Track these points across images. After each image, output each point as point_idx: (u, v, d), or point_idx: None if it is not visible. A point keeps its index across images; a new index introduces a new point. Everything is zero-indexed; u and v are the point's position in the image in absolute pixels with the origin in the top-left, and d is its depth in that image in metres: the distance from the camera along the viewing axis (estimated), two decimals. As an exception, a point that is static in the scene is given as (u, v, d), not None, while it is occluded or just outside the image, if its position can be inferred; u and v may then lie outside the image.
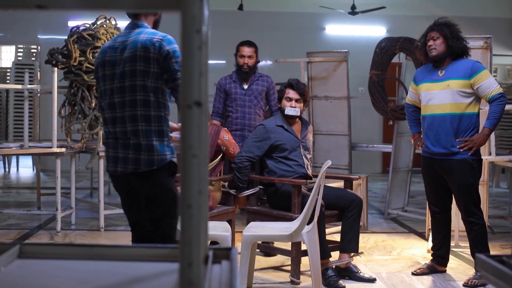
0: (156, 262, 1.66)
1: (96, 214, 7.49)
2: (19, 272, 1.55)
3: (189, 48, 1.21)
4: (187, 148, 1.21)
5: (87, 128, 6.41)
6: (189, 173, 1.21)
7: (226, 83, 6.06)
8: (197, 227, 1.24)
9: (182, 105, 1.22)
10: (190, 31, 1.21)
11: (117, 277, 1.52)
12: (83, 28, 6.49)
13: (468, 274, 4.87)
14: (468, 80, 4.60)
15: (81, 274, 1.55)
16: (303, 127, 5.13)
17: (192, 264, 1.22)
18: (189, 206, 1.22)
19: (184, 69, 1.22)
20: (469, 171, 4.65)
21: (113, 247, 1.73)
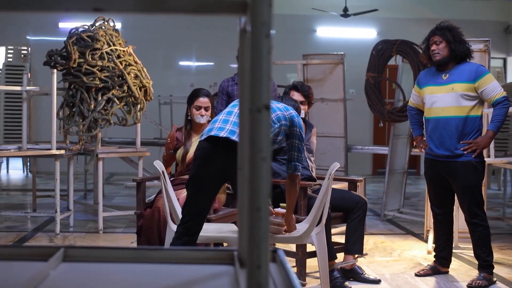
0: (201, 264, 1.67)
1: (93, 216, 7.48)
2: (68, 276, 1.55)
3: (258, 52, 1.23)
4: (256, 151, 1.22)
5: (85, 130, 6.39)
6: (258, 176, 1.22)
7: (228, 85, 6.07)
8: (266, 229, 1.25)
9: (250, 108, 1.23)
10: (260, 36, 1.22)
11: (169, 280, 1.53)
12: (82, 30, 6.48)
13: (470, 275, 4.91)
14: (472, 83, 4.64)
15: (132, 276, 1.55)
16: (307, 129, 5.15)
17: (261, 267, 1.23)
18: (258, 209, 1.23)
19: (253, 73, 1.23)
20: (473, 173, 4.69)
21: (156, 249, 1.74)
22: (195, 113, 4.92)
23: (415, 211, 7.99)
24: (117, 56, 6.44)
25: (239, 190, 1.61)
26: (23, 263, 1.62)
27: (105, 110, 6.38)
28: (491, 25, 13.19)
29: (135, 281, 1.52)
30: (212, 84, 9.91)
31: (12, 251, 1.67)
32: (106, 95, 6.34)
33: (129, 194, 9.65)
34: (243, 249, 1.62)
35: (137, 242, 4.76)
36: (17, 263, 1.63)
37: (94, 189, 8.48)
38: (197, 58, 13.65)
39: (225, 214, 4.85)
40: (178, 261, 1.66)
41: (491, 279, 4.71)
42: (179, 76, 13.27)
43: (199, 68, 13.68)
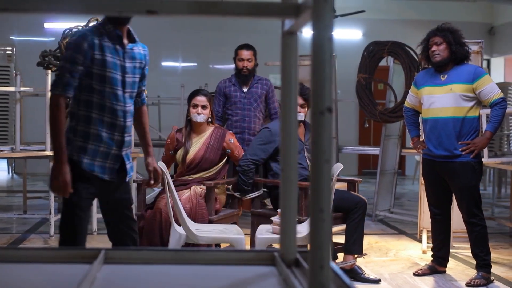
0: (242, 265, 1.68)
1: (84, 218, 7.44)
2: (113, 278, 1.56)
3: (321, 55, 1.24)
4: (320, 153, 1.23)
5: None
6: (322, 178, 1.24)
7: (225, 86, 6.07)
8: (328, 230, 1.26)
9: (314, 111, 1.24)
10: (322, 39, 1.23)
11: (217, 281, 1.54)
12: (76, 31, 6.44)
13: (467, 274, 4.96)
14: (471, 84, 4.69)
15: (179, 278, 1.56)
16: (306, 130, 5.17)
17: (324, 267, 1.25)
18: (321, 210, 1.24)
19: (316, 76, 1.25)
20: (471, 173, 4.74)
21: (196, 251, 1.75)
22: (192, 112, 4.93)
23: (405, 211, 8.06)
24: (111, 57, 6.41)
25: (282, 193, 1.62)
26: (68, 266, 1.63)
27: (99, 111, 6.35)
28: (475, 26, 13.31)
29: (186, 283, 1.52)
30: (202, 85, 9.88)
31: (55, 254, 1.67)
32: (100, 96, 6.30)
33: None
34: (286, 250, 1.64)
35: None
36: (61, 265, 1.63)
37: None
38: (183, 59, 13.63)
39: (226, 215, 4.86)
40: (218, 262, 1.68)
41: (489, 278, 4.76)
42: (166, 77, 13.24)
43: (185, 68, 13.66)
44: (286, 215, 1.63)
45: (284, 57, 1.62)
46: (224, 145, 4.97)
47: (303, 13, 1.38)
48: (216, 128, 5.07)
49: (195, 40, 13.14)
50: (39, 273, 1.57)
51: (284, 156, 1.62)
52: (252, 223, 4.97)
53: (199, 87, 10.34)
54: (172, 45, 13.25)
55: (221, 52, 13.19)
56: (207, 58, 13.40)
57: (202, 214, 4.57)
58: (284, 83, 1.62)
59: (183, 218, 4.09)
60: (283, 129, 1.62)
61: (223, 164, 5.03)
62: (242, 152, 5.09)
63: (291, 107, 1.61)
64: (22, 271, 1.59)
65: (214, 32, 12.95)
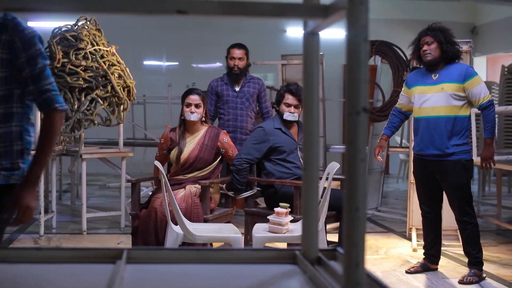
0: (264, 264, 1.69)
1: (72, 217, 7.42)
2: (140, 277, 1.56)
3: (357, 56, 1.25)
4: (356, 153, 1.25)
5: (69, 131, 6.33)
6: (357, 177, 1.25)
7: (217, 85, 6.08)
8: (363, 228, 1.28)
9: (350, 111, 1.26)
10: (359, 40, 1.25)
11: (243, 280, 1.55)
12: (65, 29, 6.42)
13: (459, 272, 5.01)
14: (461, 84, 4.74)
15: (205, 277, 1.57)
16: (300, 129, 5.20)
17: (359, 265, 1.26)
18: (356, 208, 1.26)
19: (351, 77, 1.26)
20: (463, 171, 4.79)
21: (218, 250, 1.76)
22: (186, 110, 4.93)
23: (392, 209, 8.12)
24: (101, 56, 6.39)
25: (303, 192, 1.64)
26: (90, 266, 1.63)
27: (88, 110, 6.33)
28: (458, 26, 13.39)
29: (213, 283, 1.53)
30: (190, 84, 9.88)
31: (76, 254, 1.67)
32: (90, 95, 6.29)
33: (104, 195, 9.58)
34: (308, 249, 1.65)
35: (132, 243, 4.75)
36: (84, 265, 1.63)
37: (71, 190, 8.41)
38: (167, 58, 13.59)
39: (221, 214, 4.87)
40: (240, 261, 1.69)
41: (481, 275, 4.81)
42: (150, 76, 13.20)
43: (170, 68, 13.62)
44: (308, 214, 1.64)
45: (306, 57, 1.63)
46: (218, 144, 4.98)
47: (332, 15, 1.39)
48: (210, 127, 5.07)
49: (179, 39, 13.12)
50: (62, 273, 1.57)
51: (306, 155, 1.64)
52: (246, 222, 4.99)
53: (186, 86, 10.36)
54: (156, 44, 13.21)
55: (205, 51, 13.19)
56: (192, 57, 13.37)
57: (197, 213, 4.57)
58: (306, 83, 1.63)
59: (181, 217, 4.09)
60: (305, 129, 1.63)
61: (217, 164, 5.03)
62: (236, 151, 5.10)
63: (313, 107, 1.63)
64: (44, 272, 1.58)
65: (198, 32, 12.93)
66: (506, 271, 5.13)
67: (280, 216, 4.19)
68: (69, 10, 1.35)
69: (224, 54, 6.29)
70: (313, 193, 1.64)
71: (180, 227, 4.11)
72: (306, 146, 1.63)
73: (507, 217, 7.54)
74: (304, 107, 1.63)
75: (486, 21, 13.32)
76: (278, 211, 4.20)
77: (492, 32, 13.08)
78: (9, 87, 2.62)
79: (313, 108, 1.62)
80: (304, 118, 1.63)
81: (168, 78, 12.72)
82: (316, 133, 1.64)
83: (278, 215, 4.19)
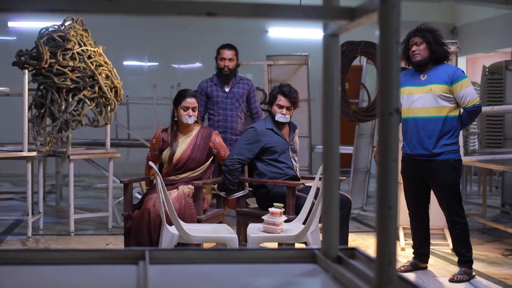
0: (285, 263, 1.71)
1: (57, 218, 7.39)
2: (165, 278, 1.57)
3: (389, 59, 1.28)
4: (388, 153, 1.28)
5: (56, 132, 6.29)
6: (390, 177, 1.28)
7: (207, 86, 6.09)
8: (395, 227, 1.31)
9: (382, 112, 1.28)
10: (391, 43, 1.27)
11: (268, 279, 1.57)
12: (52, 30, 6.39)
13: (448, 270, 5.08)
14: (449, 85, 4.79)
15: (228, 277, 1.58)
16: (291, 130, 5.22)
17: (391, 263, 1.29)
18: (389, 207, 1.28)
19: (384, 79, 1.29)
20: (451, 171, 4.84)
21: (239, 250, 1.78)
22: (183, 114, 4.93)
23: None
24: (88, 56, 6.37)
25: (324, 191, 1.66)
26: (115, 267, 1.64)
27: (76, 111, 6.31)
28: (438, 27, 13.37)
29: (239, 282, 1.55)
30: (175, 85, 9.87)
31: (99, 255, 1.68)
32: (77, 96, 6.26)
33: (88, 196, 9.55)
34: (328, 248, 1.68)
35: (124, 244, 4.74)
36: (108, 266, 1.64)
37: (56, 191, 8.36)
38: (148, 59, 13.55)
39: (213, 214, 4.89)
40: (260, 261, 1.70)
41: (471, 274, 4.88)
42: (132, 76, 13.15)
43: (148, 68, 13.57)
44: (328, 213, 1.66)
45: (327, 58, 1.66)
46: (210, 144, 4.99)
47: (359, 17, 1.42)
48: (202, 128, 5.08)
49: (159, 40, 13.09)
50: (88, 275, 1.58)
51: (326, 156, 1.66)
52: (238, 223, 5.01)
53: (171, 87, 10.36)
54: (135, 45, 13.14)
55: (185, 51, 13.17)
56: (172, 58, 13.33)
57: (191, 213, 4.58)
58: (326, 84, 1.66)
59: (176, 217, 4.10)
60: (325, 129, 1.66)
61: (209, 164, 5.04)
62: (228, 152, 5.11)
63: (334, 108, 1.65)
64: (69, 273, 1.59)
65: (179, 32, 12.92)
66: (495, 269, 5.20)
67: (275, 216, 4.21)
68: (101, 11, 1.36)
69: (205, 54, 6.33)
70: (333, 193, 1.66)
71: (176, 228, 4.11)
72: (326, 147, 1.66)
73: (490, 216, 7.63)
74: (324, 108, 1.65)
75: (466, 22, 13.46)
76: (272, 211, 4.23)
77: (472, 33, 13.22)
78: None
79: (333, 109, 1.65)
80: (324, 119, 1.65)
81: (149, 78, 12.71)
82: (336, 134, 1.67)
83: (272, 215, 4.21)
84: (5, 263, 1.63)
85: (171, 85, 10.40)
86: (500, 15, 12.11)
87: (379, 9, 1.28)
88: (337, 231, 1.69)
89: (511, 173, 7.79)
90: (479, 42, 12.92)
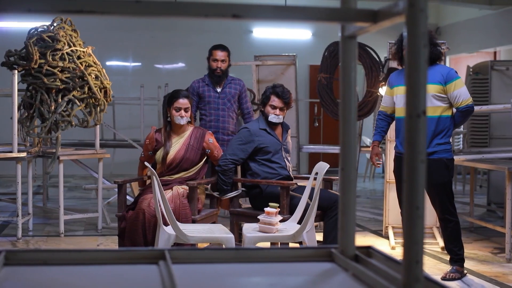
0: (302, 262, 1.73)
1: (46, 219, 7.35)
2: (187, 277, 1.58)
3: (417, 62, 1.30)
4: (416, 154, 1.30)
5: (46, 133, 6.27)
6: (418, 178, 1.30)
7: (199, 86, 6.09)
8: (423, 227, 1.33)
9: (410, 114, 1.30)
10: (419, 46, 1.29)
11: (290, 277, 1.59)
12: (42, 30, 6.36)
13: (439, 268, 5.13)
14: (443, 86, 4.84)
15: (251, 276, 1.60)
16: (284, 130, 5.25)
17: (419, 262, 1.31)
18: (417, 207, 1.30)
19: (412, 81, 1.31)
20: (445, 170, 4.90)
21: (256, 249, 1.80)
22: (175, 115, 4.93)
23: (365, 208, 8.23)
24: (78, 57, 6.35)
25: (342, 191, 1.68)
26: (136, 267, 1.65)
27: (65, 111, 6.29)
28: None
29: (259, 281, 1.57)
30: (162, 85, 9.86)
31: (119, 255, 1.69)
32: (67, 97, 6.24)
33: (74, 196, 9.52)
34: (346, 247, 1.70)
35: (118, 244, 4.74)
36: (129, 266, 1.65)
37: (43, 192, 8.32)
38: (133, 59, 13.51)
39: (207, 214, 4.90)
40: (279, 260, 1.72)
41: (463, 272, 4.93)
42: (116, 77, 13.11)
43: (134, 68, 13.54)
44: (346, 212, 1.69)
45: (345, 60, 1.68)
46: (203, 145, 5.00)
47: (383, 20, 1.44)
48: (195, 128, 5.09)
49: (142, 40, 13.07)
50: (111, 275, 1.59)
51: (344, 155, 1.68)
52: (232, 223, 5.02)
53: (158, 87, 10.34)
54: (118, 45, 13.09)
55: (169, 51, 13.15)
56: (155, 58, 13.30)
57: (186, 214, 4.59)
58: (344, 85, 1.68)
59: (173, 218, 4.10)
60: (343, 129, 1.68)
61: (203, 164, 5.05)
62: (221, 152, 5.13)
63: (351, 109, 1.68)
64: (92, 273, 1.60)
65: (162, 32, 12.90)
66: (485, 267, 5.26)
67: (271, 215, 4.23)
68: (129, 13, 1.37)
69: (188, 54, 6.34)
70: (350, 192, 1.69)
71: (172, 228, 4.12)
72: (344, 146, 1.68)
73: (477, 215, 7.71)
74: (342, 109, 1.67)
75: (449, 22, 13.58)
76: (268, 211, 4.24)
77: (455, 33, 13.33)
78: None
79: (351, 110, 1.67)
80: (342, 119, 1.67)
81: (133, 79, 12.68)
82: (354, 134, 1.69)
83: (268, 215, 4.23)
84: (25, 264, 1.64)
85: (158, 85, 10.38)
86: (484, 15, 12.24)
87: (407, 12, 1.30)
88: (354, 230, 1.71)
89: (497, 172, 7.88)
90: (462, 42, 13.03)
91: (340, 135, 1.69)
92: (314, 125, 13.67)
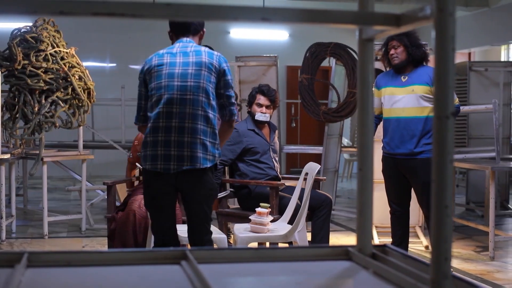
0: (320, 261, 1.76)
1: (28, 221, 7.30)
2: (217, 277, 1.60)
3: (446, 65, 1.34)
4: (445, 154, 1.34)
5: (29, 134, 6.23)
6: (446, 177, 1.35)
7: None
8: (451, 225, 1.37)
9: (439, 115, 1.34)
10: (447, 50, 1.33)
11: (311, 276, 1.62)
12: (25, 31, 6.32)
13: (425, 267, 5.19)
14: (430, 86, 4.91)
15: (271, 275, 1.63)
16: (271, 131, 5.28)
17: (447, 259, 1.35)
18: (446, 206, 1.35)
19: (441, 83, 1.35)
20: (432, 169, 4.95)
21: (274, 249, 1.82)
22: None
23: (347, 208, 8.29)
24: (61, 58, 6.33)
25: (359, 191, 1.72)
26: (158, 267, 1.66)
27: (49, 113, 6.26)
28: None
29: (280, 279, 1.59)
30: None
31: (140, 256, 1.71)
32: (51, 98, 6.21)
33: (54, 198, 9.44)
34: (363, 245, 1.73)
35: (108, 245, 4.73)
36: (151, 267, 1.67)
37: (23, 193, 8.24)
38: (110, 60, 13.46)
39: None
40: (297, 259, 1.75)
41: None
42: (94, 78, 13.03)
43: (112, 69, 13.49)
44: (363, 212, 1.72)
45: (362, 63, 1.71)
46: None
47: (407, 24, 1.47)
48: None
49: (117, 41, 13.04)
50: (135, 275, 1.60)
51: (362, 156, 1.72)
52: (220, 223, 5.04)
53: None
54: (93, 46, 13.01)
55: (149, 52, 13.08)
56: (130, 59, 13.26)
57: (176, 214, 4.58)
58: (362, 88, 1.71)
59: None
60: (360, 130, 1.71)
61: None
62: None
63: (369, 110, 1.70)
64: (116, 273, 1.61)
65: (139, 33, 12.86)
66: (470, 266, 5.35)
67: (262, 216, 4.26)
68: (160, 16, 1.39)
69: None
70: (368, 192, 1.72)
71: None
72: (361, 148, 1.71)
73: (457, 214, 7.82)
74: (360, 110, 1.71)
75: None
76: (259, 211, 4.27)
77: (430, 35, 13.46)
78: None
79: (368, 111, 1.70)
80: (360, 121, 1.70)
81: (111, 80, 12.62)
82: (371, 135, 1.72)
83: (259, 215, 4.26)
84: (48, 266, 1.65)
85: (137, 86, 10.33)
86: (459, 16, 12.39)
87: (435, 17, 1.34)
88: (371, 228, 1.74)
89: (475, 172, 7.99)
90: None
91: (358, 137, 1.72)
92: (291, 125, 13.77)
